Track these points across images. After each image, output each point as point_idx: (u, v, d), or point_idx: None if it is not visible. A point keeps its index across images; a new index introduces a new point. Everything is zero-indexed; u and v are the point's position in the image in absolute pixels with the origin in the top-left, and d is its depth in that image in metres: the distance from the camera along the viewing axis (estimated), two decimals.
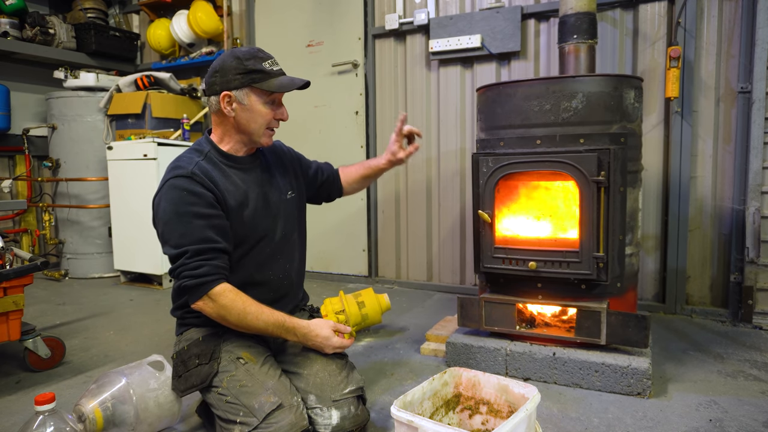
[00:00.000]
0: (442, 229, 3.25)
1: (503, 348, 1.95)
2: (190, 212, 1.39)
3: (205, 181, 1.43)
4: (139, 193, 3.40)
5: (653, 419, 1.62)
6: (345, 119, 3.51)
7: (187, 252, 1.37)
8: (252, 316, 1.40)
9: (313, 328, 1.50)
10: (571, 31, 2.12)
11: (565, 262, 1.83)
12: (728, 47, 2.50)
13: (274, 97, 1.49)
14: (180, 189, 1.41)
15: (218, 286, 1.38)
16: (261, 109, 1.47)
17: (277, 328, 1.44)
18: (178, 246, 1.38)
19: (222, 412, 1.36)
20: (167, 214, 1.41)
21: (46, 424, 1.23)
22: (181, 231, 1.39)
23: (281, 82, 1.47)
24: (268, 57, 1.49)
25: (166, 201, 1.41)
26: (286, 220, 1.63)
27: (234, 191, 1.49)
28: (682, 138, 2.57)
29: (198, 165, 1.45)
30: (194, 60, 3.99)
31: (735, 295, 2.52)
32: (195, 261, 1.37)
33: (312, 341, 1.50)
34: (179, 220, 1.39)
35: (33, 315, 2.86)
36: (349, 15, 3.44)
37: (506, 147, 1.95)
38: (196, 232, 1.38)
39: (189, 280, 1.36)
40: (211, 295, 1.37)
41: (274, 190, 1.62)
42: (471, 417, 1.46)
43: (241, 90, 1.44)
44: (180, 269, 1.38)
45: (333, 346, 1.51)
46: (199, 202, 1.40)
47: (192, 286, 1.37)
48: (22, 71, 4.12)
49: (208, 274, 1.37)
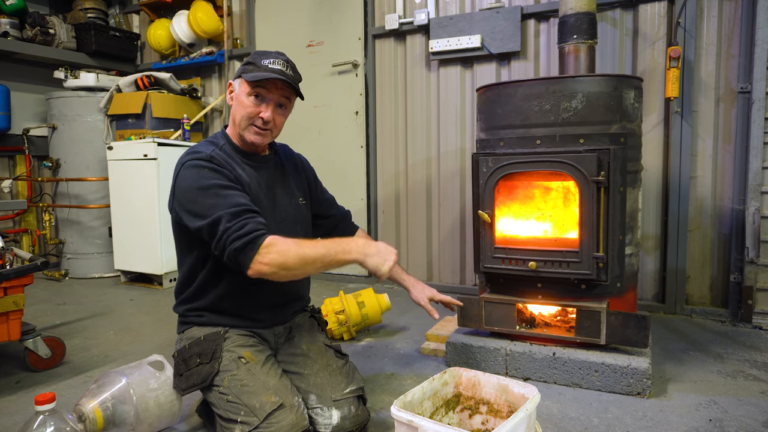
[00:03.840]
0: (442, 229, 3.25)
1: (503, 348, 1.96)
2: (216, 184, 1.38)
3: (223, 164, 1.45)
4: (139, 193, 3.41)
5: (653, 419, 1.62)
6: (345, 119, 3.51)
7: (223, 217, 1.33)
8: (309, 248, 1.34)
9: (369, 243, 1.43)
10: (571, 31, 2.12)
11: (565, 262, 1.83)
12: (728, 47, 2.50)
13: (258, 91, 1.48)
14: (200, 167, 1.41)
15: (266, 238, 1.32)
16: (243, 99, 1.49)
17: (337, 246, 1.38)
18: (212, 215, 1.34)
19: (223, 411, 1.36)
20: (191, 191, 1.39)
21: (46, 424, 1.23)
22: (210, 202, 1.36)
23: (255, 74, 1.45)
24: (275, 57, 1.49)
25: (188, 180, 1.40)
26: (295, 224, 1.63)
27: (248, 182, 1.50)
28: (682, 138, 2.57)
29: (215, 152, 1.48)
30: (194, 60, 3.99)
31: (735, 295, 2.52)
32: (236, 222, 1.32)
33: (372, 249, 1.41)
34: (206, 193, 1.37)
35: (33, 315, 2.86)
36: (349, 15, 3.44)
37: (506, 147, 1.95)
38: (228, 199, 1.36)
39: (238, 240, 1.30)
40: (267, 246, 1.30)
41: (286, 192, 1.63)
42: (471, 417, 1.46)
43: (237, 80, 1.52)
44: (224, 236, 1.32)
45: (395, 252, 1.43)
46: (222, 177, 1.41)
47: (241, 246, 1.30)
48: (23, 71, 4.12)
49: (254, 230, 1.32)
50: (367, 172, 3.46)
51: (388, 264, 1.41)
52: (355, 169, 3.49)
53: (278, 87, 1.48)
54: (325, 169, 3.59)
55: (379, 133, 3.42)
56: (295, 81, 1.50)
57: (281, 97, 1.51)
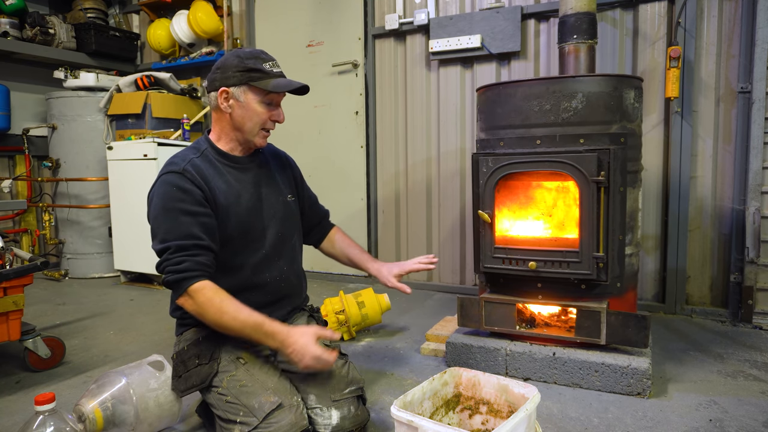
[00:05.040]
0: (442, 229, 3.25)
1: (503, 348, 1.95)
2: (178, 208, 1.40)
3: (195, 178, 1.44)
4: (139, 193, 3.40)
5: (653, 419, 1.62)
6: (345, 119, 3.51)
7: (170, 247, 1.37)
8: (228, 316, 1.33)
9: (292, 333, 1.34)
10: (571, 31, 2.12)
11: (565, 262, 1.83)
12: (728, 47, 2.50)
13: (271, 97, 1.49)
14: (170, 185, 1.42)
15: (198, 282, 1.35)
16: (257, 108, 1.48)
17: (255, 330, 1.34)
18: (163, 241, 1.38)
19: (222, 412, 1.36)
20: (156, 209, 1.42)
21: (46, 424, 1.23)
22: (167, 227, 1.39)
23: (278, 83, 1.48)
24: (270, 59, 1.50)
25: (157, 196, 1.43)
26: (284, 221, 1.63)
27: (226, 190, 1.49)
28: (682, 138, 2.57)
29: (191, 162, 1.47)
30: (194, 60, 3.99)
31: (735, 295, 2.52)
32: (177, 256, 1.37)
33: (290, 347, 1.32)
34: (166, 215, 1.40)
35: (33, 315, 2.86)
36: (349, 15, 3.44)
37: (506, 147, 1.95)
38: (182, 228, 1.39)
39: (170, 275, 1.36)
40: (190, 292, 1.35)
41: (273, 191, 1.62)
42: (471, 417, 1.46)
43: (239, 87, 1.46)
44: (164, 264, 1.38)
45: (312, 355, 1.31)
46: (187, 198, 1.41)
47: (173, 281, 1.36)
48: (22, 71, 4.12)
49: (188, 270, 1.36)
50: (367, 172, 3.46)
51: (303, 363, 1.33)
52: (355, 169, 3.49)
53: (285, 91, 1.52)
54: (325, 169, 3.61)
55: (379, 133, 3.42)
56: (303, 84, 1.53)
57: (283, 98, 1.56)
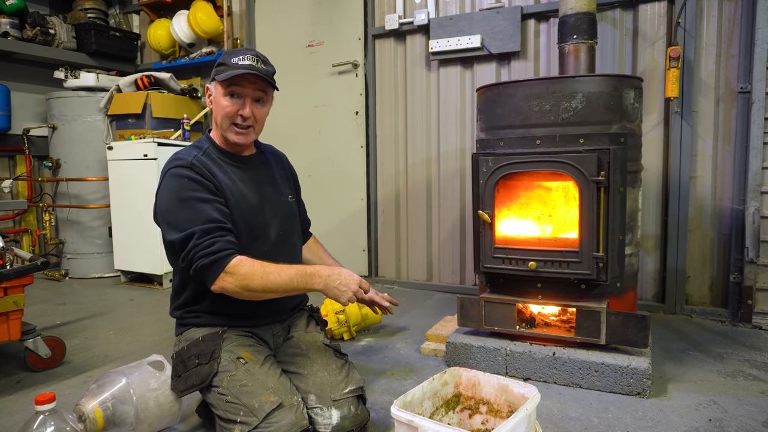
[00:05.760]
0: (442, 229, 3.25)
1: (503, 348, 1.95)
2: (193, 197, 1.41)
3: (204, 171, 1.46)
4: (139, 193, 3.40)
5: (653, 419, 1.62)
6: (345, 119, 3.51)
7: (195, 233, 1.36)
8: (274, 275, 1.37)
9: (334, 267, 1.46)
10: (571, 31, 2.12)
11: (564, 262, 1.83)
12: (728, 47, 2.50)
13: (232, 89, 1.48)
14: (181, 177, 1.43)
15: (233, 258, 1.36)
16: (221, 101, 1.49)
17: (301, 277, 1.39)
18: (186, 230, 1.37)
19: (222, 411, 1.36)
20: (170, 202, 1.42)
21: (47, 423, 1.23)
22: (186, 216, 1.39)
23: (228, 73, 1.45)
24: (245, 53, 1.48)
25: (169, 190, 1.43)
26: (285, 220, 1.63)
27: (231, 186, 1.51)
28: (681, 138, 2.57)
29: (196, 158, 1.49)
30: (194, 60, 3.99)
31: (735, 295, 2.52)
32: (206, 240, 1.36)
33: (337, 279, 1.42)
34: (183, 205, 1.40)
35: (33, 315, 2.86)
36: (349, 15, 3.44)
37: (506, 147, 1.95)
38: (203, 214, 1.39)
39: (204, 259, 1.35)
40: (229, 269, 1.35)
41: (274, 190, 1.63)
42: (471, 417, 1.46)
43: (212, 83, 1.52)
44: (193, 251, 1.36)
45: (358, 280, 1.45)
46: (200, 188, 1.43)
47: (208, 264, 1.35)
48: (23, 71, 4.11)
49: (221, 249, 1.36)
50: (367, 172, 3.46)
51: (346, 295, 1.42)
52: (355, 169, 3.49)
53: (251, 82, 1.48)
54: (325, 169, 3.61)
55: (379, 133, 3.42)
56: (267, 74, 1.49)
57: (256, 91, 1.51)
